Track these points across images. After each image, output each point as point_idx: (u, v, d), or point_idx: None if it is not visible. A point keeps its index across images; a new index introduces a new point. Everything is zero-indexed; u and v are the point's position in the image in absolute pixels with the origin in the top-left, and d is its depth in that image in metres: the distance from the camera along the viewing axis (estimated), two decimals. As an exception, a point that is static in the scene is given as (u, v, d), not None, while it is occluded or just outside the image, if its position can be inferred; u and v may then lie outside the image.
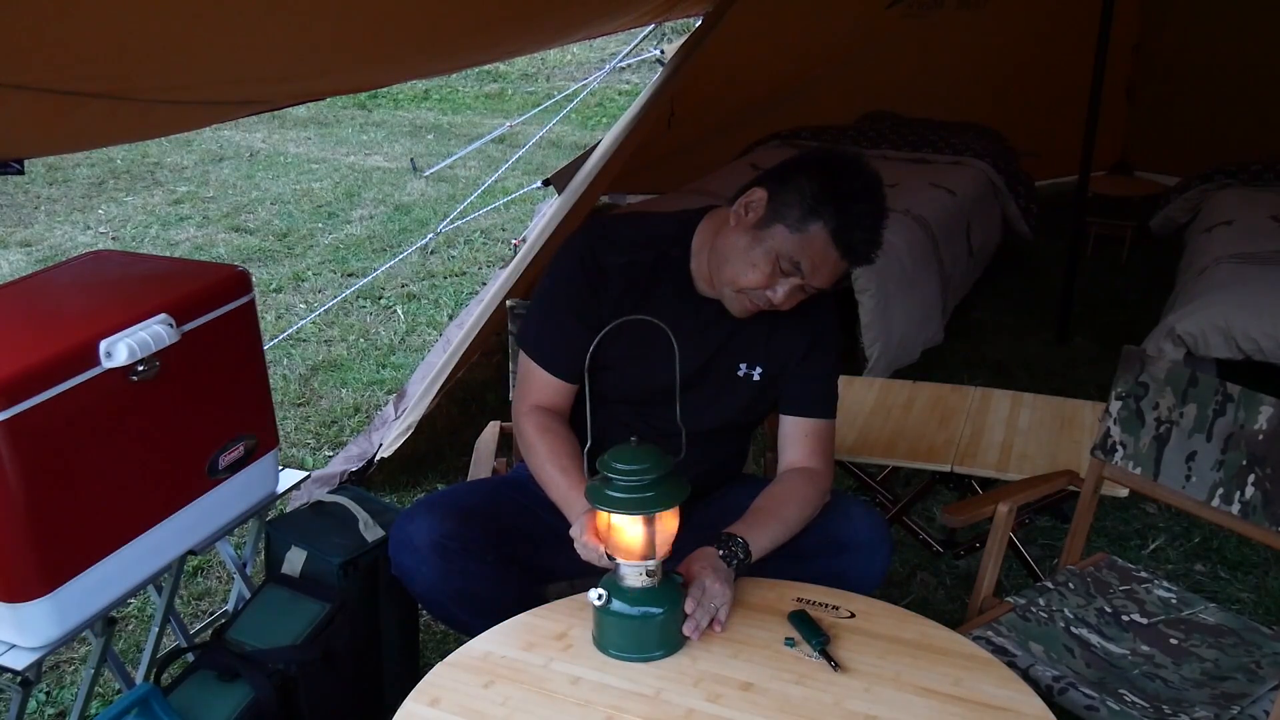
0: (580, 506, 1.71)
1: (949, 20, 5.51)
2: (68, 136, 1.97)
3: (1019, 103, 5.54)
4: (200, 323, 1.91)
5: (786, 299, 1.77)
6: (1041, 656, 1.83)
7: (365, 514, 2.15)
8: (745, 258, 1.75)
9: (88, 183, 6.82)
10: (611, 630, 1.58)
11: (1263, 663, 1.84)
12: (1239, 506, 1.88)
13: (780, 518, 1.78)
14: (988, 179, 4.85)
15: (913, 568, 2.80)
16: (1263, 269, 3.61)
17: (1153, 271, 4.85)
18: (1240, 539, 2.80)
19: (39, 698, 2.35)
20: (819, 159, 1.78)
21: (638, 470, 1.54)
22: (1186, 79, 5.56)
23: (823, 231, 1.71)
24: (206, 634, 2.14)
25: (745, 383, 1.91)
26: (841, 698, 1.48)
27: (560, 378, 1.89)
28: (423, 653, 2.33)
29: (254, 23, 1.65)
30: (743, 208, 1.78)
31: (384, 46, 2.12)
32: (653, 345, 1.80)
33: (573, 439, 1.87)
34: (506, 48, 3.32)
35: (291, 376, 3.97)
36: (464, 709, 1.47)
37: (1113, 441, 2.06)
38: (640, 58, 7.43)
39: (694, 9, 3.95)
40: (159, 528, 1.90)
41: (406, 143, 7.99)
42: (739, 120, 5.29)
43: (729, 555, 1.68)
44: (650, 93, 3.56)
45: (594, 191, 3.48)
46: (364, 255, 5.42)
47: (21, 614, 1.71)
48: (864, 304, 3.60)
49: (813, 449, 1.88)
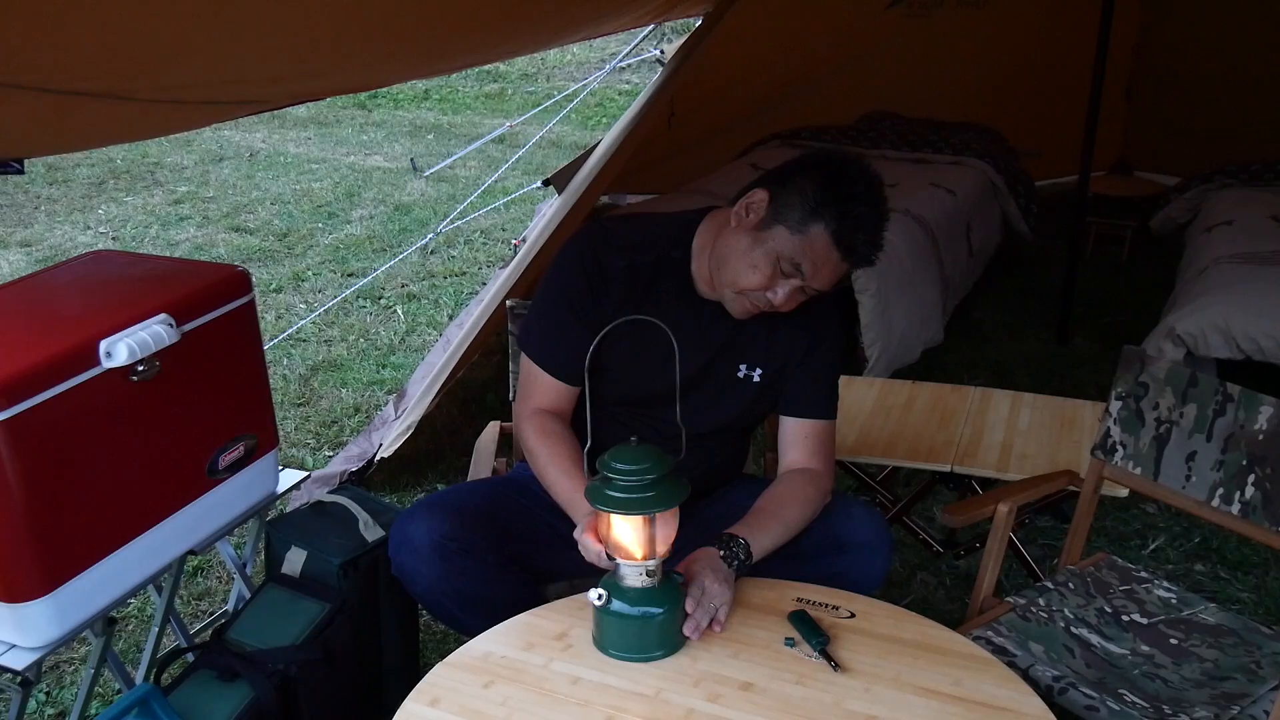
0: (584, 508, 1.71)
1: (949, 20, 5.51)
2: (68, 136, 1.97)
3: (1019, 103, 5.53)
4: (200, 323, 1.91)
5: (787, 301, 1.77)
6: (1041, 656, 1.83)
7: (365, 514, 2.15)
8: (746, 259, 1.75)
9: (88, 183, 6.82)
10: (612, 630, 1.58)
11: (1263, 663, 1.84)
12: (1239, 506, 1.88)
13: (781, 519, 1.78)
14: (988, 179, 4.85)
15: (913, 568, 2.80)
16: (1263, 269, 3.61)
17: (1153, 271, 4.85)
18: (1240, 539, 2.80)
19: (39, 698, 2.35)
20: (820, 160, 1.78)
21: (638, 470, 1.54)
22: (1186, 79, 5.56)
23: (824, 233, 1.71)
24: (206, 634, 2.14)
25: (745, 384, 1.91)
26: (841, 698, 1.49)
27: (562, 380, 1.89)
28: (423, 653, 2.33)
29: (255, 23, 1.65)
30: (743, 209, 1.78)
31: (385, 47, 2.12)
32: (653, 347, 1.80)
33: (574, 441, 1.87)
34: (507, 48, 3.32)
35: (291, 376, 3.97)
36: (464, 709, 1.47)
37: (1113, 441, 2.06)
38: (640, 58, 7.43)
39: (694, 9, 3.95)
40: (159, 528, 1.90)
41: (406, 143, 7.99)
42: (739, 120, 5.29)
43: (730, 556, 1.68)
44: (650, 93, 3.56)
45: (594, 191, 3.48)
46: (364, 255, 5.42)
47: (21, 614, 1.71)
48: (864, 304, 3.59)
49: (814, 450, 1.89)
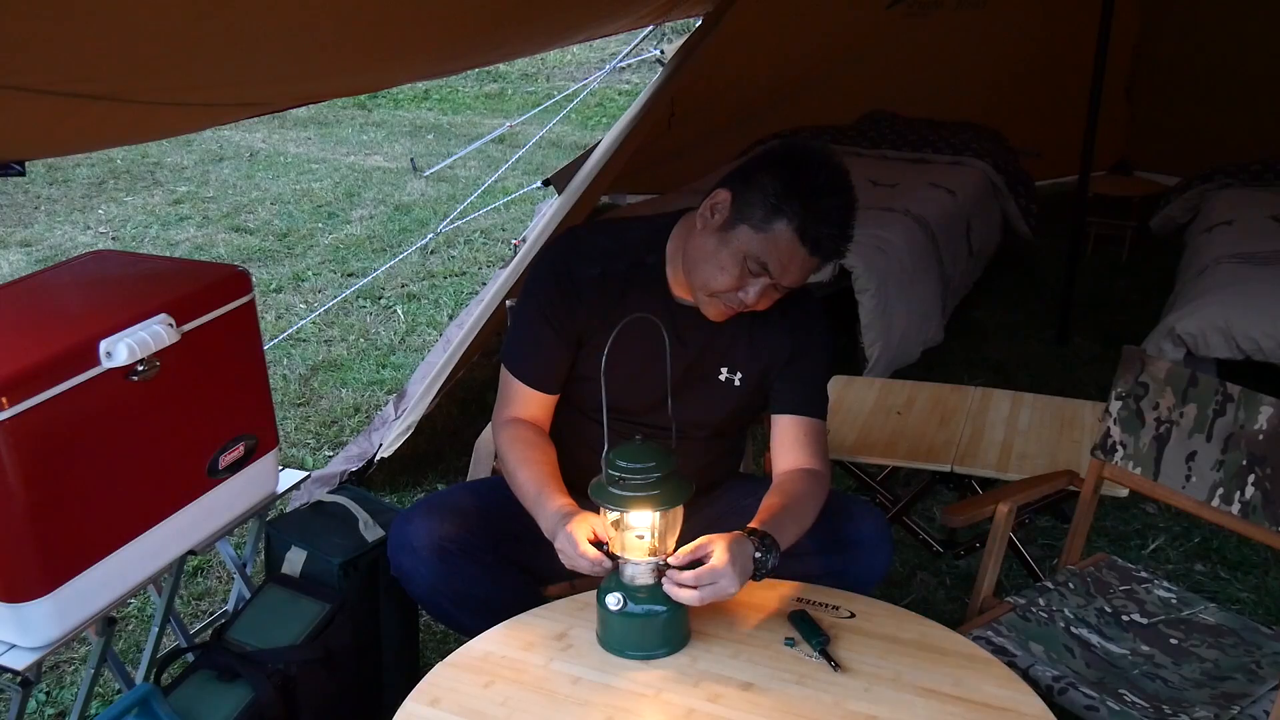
0: (551, 514, 1.69)
1: (949, 20, 5.51)
2: (69, 138, 1.97)
3: (1019, 103, 5.53)
4: (200, 323, 1.91)
5: (759, 300, 1.74)
6: (1041, 656, 1.83)
7: (365, 514, 2.15)
8: (714, 261, 1.72)
9: (88, 183, 6.82)
10: (616, 628, 1.58)
11: (1263, 663, 1.84)
12: (1239, 506, 1.88)
13: (801, 524, 1.74)
14: (988, 179, 4.85)
15: (913, 568, 2.80)
16: (1263, 269, 3.61)
17: (1153, 271, 4.85)
18: (1240, 539, 2.80)
19: (39, 698, 2.35)
20: (781, 155, 1.74)
21: (645, 468, 1.54)
22: (1186, 79, 5.56)
23: (787, 229, 1.67)
24: (206, 634, 2.14)
25: (728, 388, 1.90)
26: (841, 698, 1.49)
27: (537, 389, 1.88)
28: (423, 653, 2.33)
29: (256, 25, 1.65)
30: (708, 210, 1.75)
31: (386, 49, 2.12)
32: (634, 352, 1.79)
33: (547, 447, 1.86)
34: (508, 50, 3.31)
35: (291, 376, 3.97)
36: (464, 709, 1.47)
37: (1113, 441, 2.06)
38: (640, 58, 7.44)
39: (694, 9, 3.95)
40: (159, 528, 1.90)
41: (406, 143, 7.98)
42: (739, 120, 5.29)
43: (760, 565, 1.60)
44: (650, 93, 3.55)
45: (594, 191, 3.48)
46: (364, 255, 5.42)
47: (21, 614, 1.71)
48: (864, 304, 3.60)
49: (815, 450, 1.87)
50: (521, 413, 1.89)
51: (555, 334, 1.85)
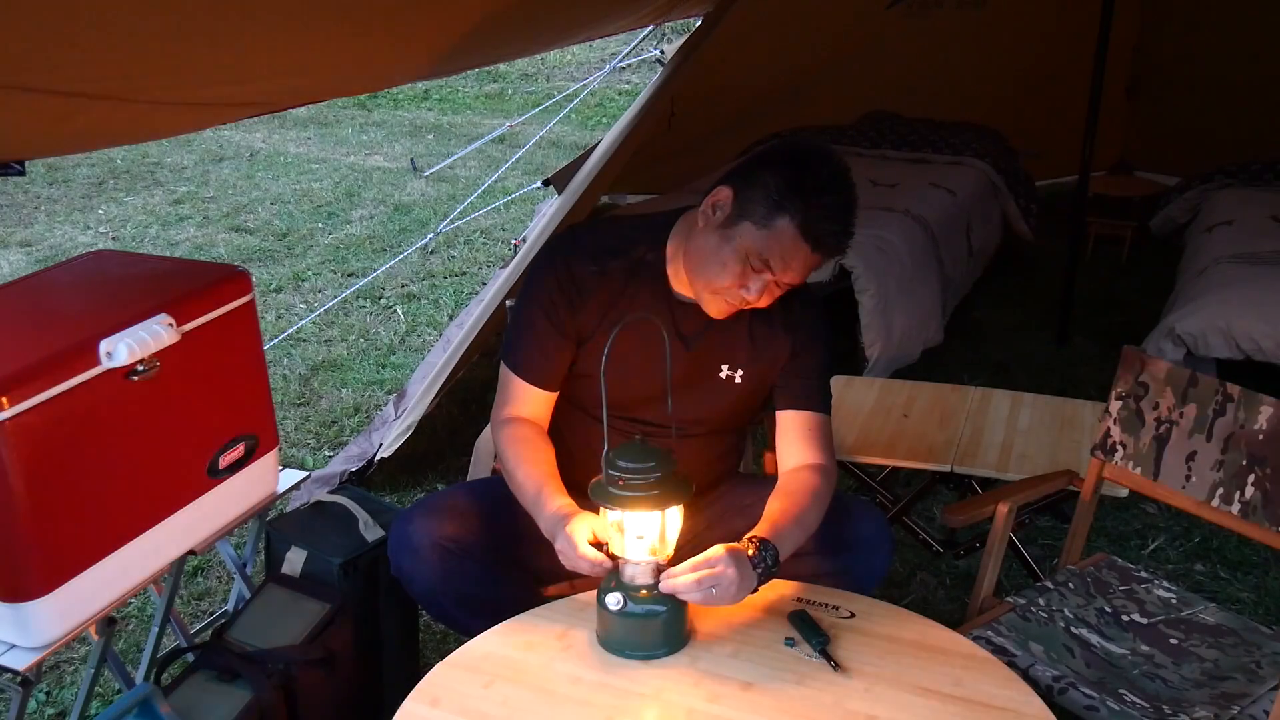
0: (550, 516, 1.69)
1: (949, 20, 5.51)
2: (70, 138, 1.97)
3: (1019, 103, 5.53)
4: (200, 323, 1.91)
5: (760, 296, 1.74)
6: (1041, 656, 1.83)
7: (365, 514, 2.15)
8: (715, 258, 1.73)
9: (88, 183, 6.82)
10: (616, 628, 1.58)
11: (1263, 663, 1.84)
12: (1239, 506, 1.88)
13: (804, 527, 1.74)
14: (988, 179, 4.85)
15: (913, 568, 2.80)
16: (1263, 269, 3.61)
17: (1153, 271, 4.84)
18: (1240, 539, 2.80)
19: (39, 698, 2.35)
20: (783, 152, 1.75)
21: (645, 468, 1.54)
22: (1186, 79, 5.56)
23: (790, 226, 1.67)
24: (206, 634, 2.14)
25: (728, 385, 1.89)
26: (841, 698, 1.49)
27: (537, 386, 1.88)
28: (423, 653, 2.33)
29: (257, 25, 1.65)
30: (710, 207, 1.75)
31: (387, 50, 2.12)
32: (634, 350, 1.79)
33: (545, 446, 1.86)
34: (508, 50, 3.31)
35: (291, 376, 3.97)
36: (464, 709, 1.47)
37: (1113, 441, 2.06)
38: (640, 58, 7.44)
39: (694, 9, 3.94)
40: (159, 528, 1.90)
41: (406, 143, 7.98)
42: (739, 120, 5.28)
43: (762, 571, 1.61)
44: (650, 93, 3.55)
45: (594, 191, 3.48)
46: (364, 255, 5.42)
47: (22, 614, 1.71)
48: (864, 304, 3.59)
49: (820, 444, 1.86)
50: (520, 410, 1.89)
51: (555, 331, 1.85)
